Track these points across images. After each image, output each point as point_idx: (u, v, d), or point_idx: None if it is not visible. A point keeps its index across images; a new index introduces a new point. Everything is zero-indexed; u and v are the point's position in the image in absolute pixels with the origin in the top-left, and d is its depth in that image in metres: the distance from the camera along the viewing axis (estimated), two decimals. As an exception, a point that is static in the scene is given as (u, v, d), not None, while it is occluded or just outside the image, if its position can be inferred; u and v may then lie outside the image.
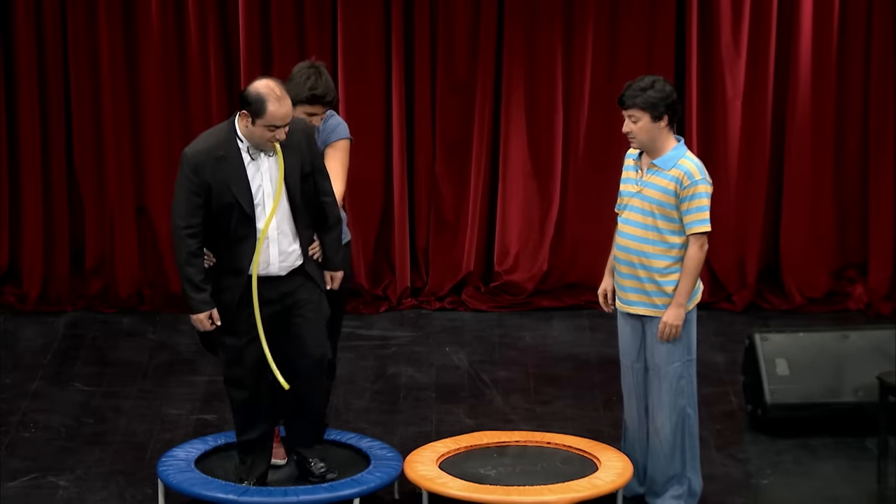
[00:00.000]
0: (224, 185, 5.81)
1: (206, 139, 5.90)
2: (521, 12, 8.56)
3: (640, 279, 6.00)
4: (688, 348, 6.05)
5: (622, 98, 6.01)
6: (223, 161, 5.81)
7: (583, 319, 8.50)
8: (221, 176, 5.81)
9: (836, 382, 6.91)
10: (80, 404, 7.33)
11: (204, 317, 5.87)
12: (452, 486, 5.99)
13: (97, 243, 8.75)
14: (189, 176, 5.80)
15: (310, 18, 8.56)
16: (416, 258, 8.89)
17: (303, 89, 6.10)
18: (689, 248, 5.99)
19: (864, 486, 6.42)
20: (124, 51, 8.55)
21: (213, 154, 5.82)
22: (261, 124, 5.79)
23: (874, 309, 8.70)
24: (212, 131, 5.97)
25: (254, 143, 5.86)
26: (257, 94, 5.79)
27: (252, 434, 6.07)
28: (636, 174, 6.06)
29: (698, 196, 5.94)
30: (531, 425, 6.87)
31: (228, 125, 5.92)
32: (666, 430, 6.03)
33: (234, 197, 5.82)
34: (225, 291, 5.91)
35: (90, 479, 6.48)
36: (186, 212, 5.80)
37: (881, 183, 8.67)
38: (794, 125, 8.63)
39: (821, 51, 8.54)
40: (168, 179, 8.68)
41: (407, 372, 7.83)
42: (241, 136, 5.86)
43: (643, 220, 6.00)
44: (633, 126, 5.98)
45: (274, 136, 5.81)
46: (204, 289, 5.84)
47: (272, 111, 5.77)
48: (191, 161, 5.81)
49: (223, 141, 5.84)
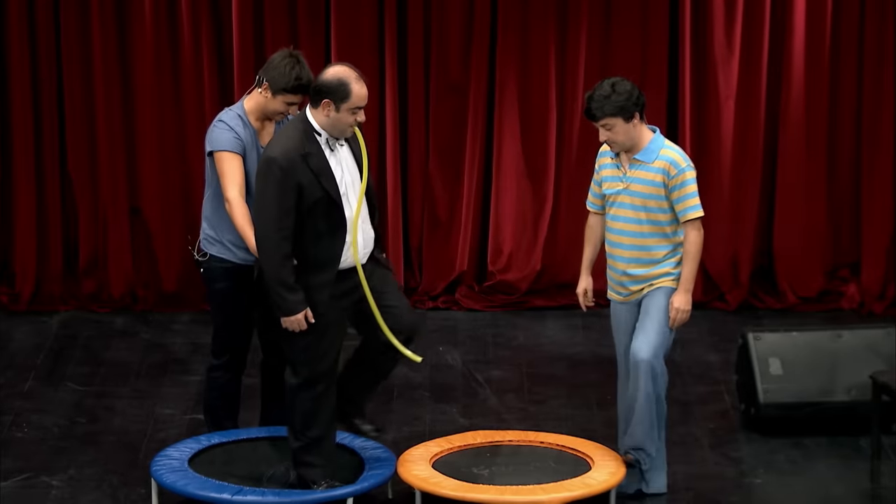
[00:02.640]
0: (314, 181, 5.81)
1: (284, 141, 5.85)
2: (514, 13, 8.56)
3: (643, 271, 6.06)
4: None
5: (590, 111, 6.01)
6: (309, 157, 5.81)
7: (576, 319, 8.50)
8: (310, 173, 5.80)
9: (830, 382, 6.91)
10: (73, 404, 7.32)
11: (301, 317, 5.85)
12: (446, 485, 5.98)
13: (90, 243, 8.74)
14: (280, 179, 5.76)
15: (303, 19, 8.55)
16: (409, 258, 8.89)
17: (288, 78, 6.09)
18: (686, 234, 6.02)
19: (857, 486, 6.43)
20: (117, 50, 8.54)
21: (298, 152, 5.81)
22: (346, 108, 5.82)
23: (867, 308, 8.71)
24: (285, 132, 5.91)
25: (336, 131, 5.85)
26: (338, 80, 5.82)
27: (327, 431, 6.06)
28: (619, 171, 6.07)
29: (687, 183, 5.99)
30: (525, 425, 6.87)
31: (300, 123, 5.88)
32: (641, 396, 6.04)
33: (325, 191, 5.82)
34: (313, 290, 5.88)
35: (83, 478, 6.47)
36: (279, 215, 5.76)
37: (874, 182, 8.68)
38: (787, 125, 8.64)
39: (814, 50, 8.55)
40: (161, 179, 8.69)
41: (400, 371, 7.81)
42: (318, 129, 5.85)
43: (635, 216, 6.03)
44: (609, 133, 6.01)
45: (356, 120, 5.84)
46: (298, 289, 5.83)
47: (357, 92, 5.81)
48: (281, 164, 5.77)
49: (303, 138, 5.83)
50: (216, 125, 6.19)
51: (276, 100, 6.12)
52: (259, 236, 5.82)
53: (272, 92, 6.11)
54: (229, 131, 6.13)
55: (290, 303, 5.84)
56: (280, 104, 6.13)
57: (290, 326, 5.88)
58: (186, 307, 8.75)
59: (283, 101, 6.12)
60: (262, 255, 5.83)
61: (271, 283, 5.83)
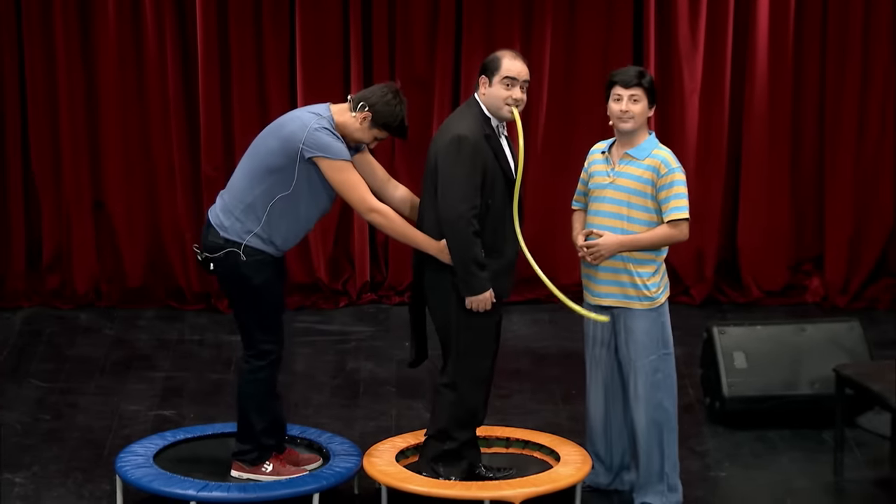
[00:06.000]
0: (494, 160, 5.84)
1: (468, 121, 5.85)
2: (479, 7, 8.56)
3: (616, 270, 5.97)
4: (663, 342, 6.01)
5: (625, 76, 5.91)
6: (489, 139, 5.85)
7: (542, 314, 8.51)
8: (491, 152, 5.84)
9: (794, 375, 6.95)
10: (36, 401, 7.28)
11: (490, 295, 5.84)
12: (412, 481, 5.98)
13: (54, 239, 8.69)
14: (472, 157, 5.77)
15: (267, 14, 8.53)
16: (375, 253, 8.88)
17: (396, 117, 5.89)
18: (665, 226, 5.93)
19: (821, 478, 6.46)
20: (80, 44, 8.50)
21: (482, 132, 5.84)
22: (497, 81, 5.83)
23: (830, 302, 8.76)
24: (461, 115, 5.90)
25: (493, 108, 5.86)
26: (493, 56, 5.89)
27: (475, 429, 6.07)
28: (607, 166, 6.01)
29: (676, 183, 5.92)
30: (490, 419, 6.86)
31: (471, 109, 5.89)
32: (642, 425, 6.00)
33: (502, 170, 5.86)
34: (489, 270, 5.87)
35: (47, 475, 6.44)
36: (471, 193, 5.76)
37: (836, 177, 8.73)
38: (751, 119, 8.68)
39: (777, 45, 8.59)
40: (125, 175, 8.66)
41: (367, 367, 7.82)
42: (487, 113, 5.87)
43: (616, 210, 5.96)
44: (634, 106, 5.91)
45: (511, 95, 5.84)
46: (486, 266, 5.82)
47: (507, 63, 5.83)
48: (473, 143, 5.79)
49: (481, 120, 5.86)
50: (319, 131, 5.80)
51: (371, 131, 5.89)
52: (452, 215, 5.75)
53: (372, 123, 5.88)
54: (339, 140, 5.86)
55: (481, 280, 5.80)
56: (370, 136, 5.91)
57: (477, 306, 5.84)
58: (151, 303, 8.71)
59: (374, 136, 5.92)
60: (454, 233, 5.76)
61: (464, 262, 5.77)
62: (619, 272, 5.97)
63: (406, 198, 6.12)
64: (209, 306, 8.70)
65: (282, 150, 5.85)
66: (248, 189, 5.90)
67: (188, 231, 8.63)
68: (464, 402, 5.99)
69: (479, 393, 6.02)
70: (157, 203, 8.69)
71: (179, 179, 8.63)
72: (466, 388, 5.98)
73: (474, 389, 6.00)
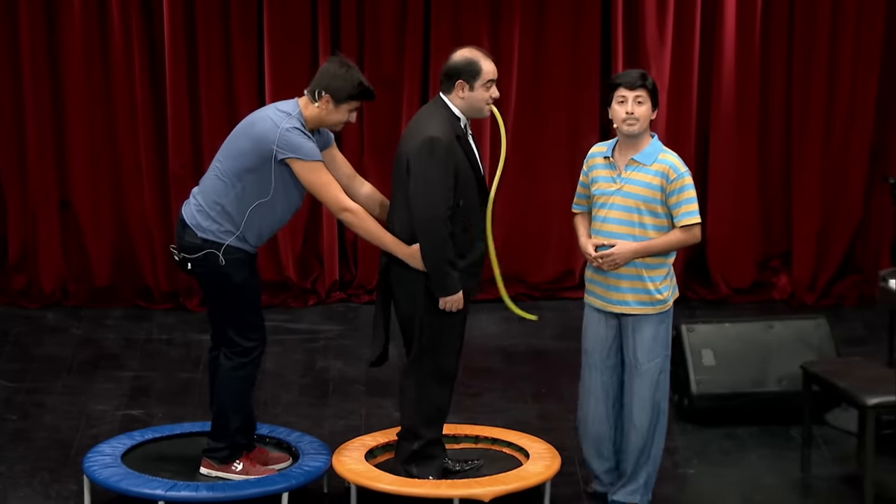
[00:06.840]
0: (465, 161, 5.85)
1: (438, 122, 5.83)
2: (447, 6, 8.56)
3: (631, 277, 5.89)
4: (666, 344, 6.02)
5: (629, 78, 5.85)
6: (460, 140, 5.85)
7: (511, 312, 8.50)
8: (462, 153, 5.84)
9: (762, 372, 6.98)
10: (3, 401, 7.24)
11: (461, 295, 5.85)
12: (381, 479, 5.97)
13: (19, 238, 8.64)
14: (444, 159, 5.76)
15: (235, 11, 8.49)
16: (344, 251, 8.87)
17: (353, 84, 5.85)
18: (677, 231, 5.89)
19: (788, 475, 6.49)
20: (45, 41, 8.45)
21: (454, 133, 5.84)
22: (479, 85, 5.83)
23: (798, 299, 8.80)
24: (430, 115, 5.86)
25: (473, 111, 5.88)
26: (466, 59, 5.84)
27: (442, 425, 6.06)
28: (613, 172, 5.92)
29: (686, 188, 5.86)
30: (460, 418, 6.87)
31: (440, 110, 5.85)
32: (643, 426, 5.98)
33: (473, 171, 5.87)
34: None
35: (14, 475, 6.40)
36: (446, 195, 5.76)
37: (804, 174, 8.77)
38: (718, 117, 8.71)
39: (744, 43, 8.62)
40: (92, 173, 8.61)
41: (336, 365, 7.81)
42: (458, 113, 5.86)
43: (628, 217, 5.87)
44: (639, 108, 5.83)
45: (491, 95, 5.86)
46: (458, 266, 5.83)
47: (486, 67, 5.84)
48: (446, 144, 5.77)
49: (452, 121, 5.85)
50: (291, 132, 5.80)
51: (340, 109, 5.87)
52: (426, 216, 5.75)
53: (335, 102, 5.85)
54: (310, 140, 5.86)
55: (453, 280, 5.81)
56: (344, 113, 5.89)
57: (450, 306, 5.85)
58: (118, 302, 8.67)
59: (347, 110, 5.90)
60: (428, 235, 5.76)
61: (436, 263, 5.77)
62: (634, 279, 5.90)
63: (371, 194, 6.12)
64: (177, 305, 8.67)
65: (255, 151, 5.83)
66: (223, 191, 5.88)
67: (156, 230, 8.60)
68: (429, 399, 5.99)
69: (445, 390, 6.02)
70: (125, 201, 8.65)
71: (147, 177, 8.59)
72: (432, 386, 5.98)
73: (440, 387, 6.00)
